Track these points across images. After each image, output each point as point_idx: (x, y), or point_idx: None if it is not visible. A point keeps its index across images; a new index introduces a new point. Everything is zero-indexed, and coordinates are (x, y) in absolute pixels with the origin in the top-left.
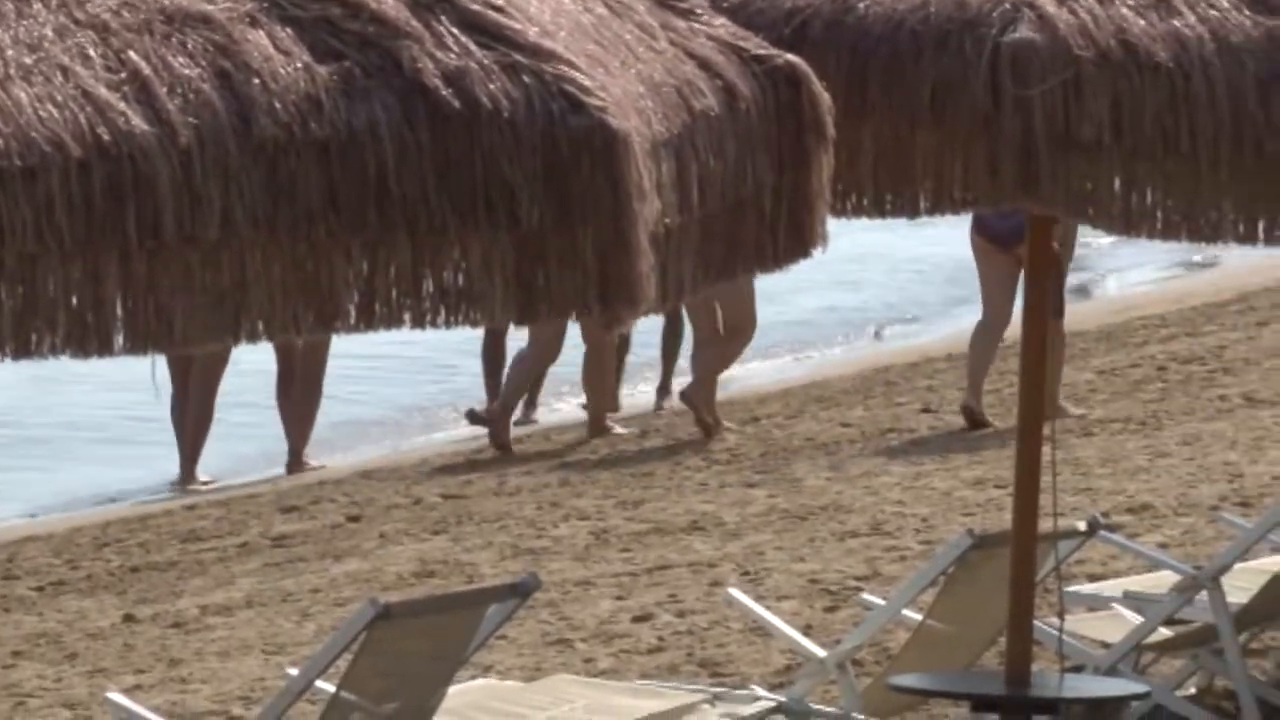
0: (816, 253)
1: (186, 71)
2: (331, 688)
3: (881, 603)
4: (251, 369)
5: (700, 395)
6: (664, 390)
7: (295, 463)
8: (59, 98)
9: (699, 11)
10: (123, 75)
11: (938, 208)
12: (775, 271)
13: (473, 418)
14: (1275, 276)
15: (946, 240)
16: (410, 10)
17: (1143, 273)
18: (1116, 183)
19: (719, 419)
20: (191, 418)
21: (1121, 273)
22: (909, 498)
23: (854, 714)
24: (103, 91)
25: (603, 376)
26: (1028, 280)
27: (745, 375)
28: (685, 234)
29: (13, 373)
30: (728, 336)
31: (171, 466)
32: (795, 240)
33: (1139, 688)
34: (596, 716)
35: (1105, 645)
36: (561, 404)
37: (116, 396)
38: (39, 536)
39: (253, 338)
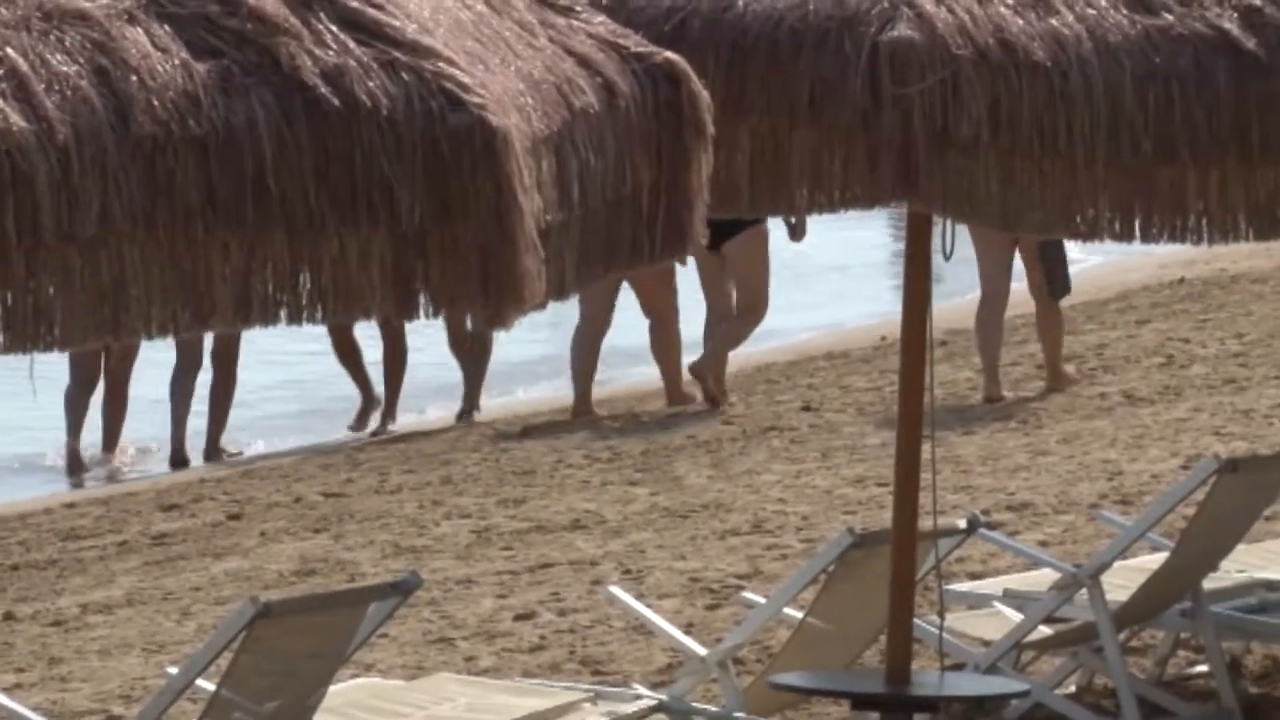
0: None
1: (64, 69)
2: (212, 686)
3: (762, 601)
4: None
5: (711, 369)
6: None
7: (213, 450)
8: None
9: (578, 9)
10: (0, 72)
11: (816, 206)
12: (652, 266)
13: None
14: (1154, 275)
15: (821, 242)
16: (289, 7)
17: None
18: (994, 181)
19: (725, 392)
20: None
21: None
22: (790, 496)
23: (735, 713)
24: None
25: (670, 348)
26: (906, 278)
27: (623, 375)
28: (566, 231)
29: None
30: (741, 315)
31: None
32: (673, 237)
33: (1019, 686)
34: (478, 715)
35: (985, 643)
36: (435, 408)
37: None
38: None
39: (131, 335)
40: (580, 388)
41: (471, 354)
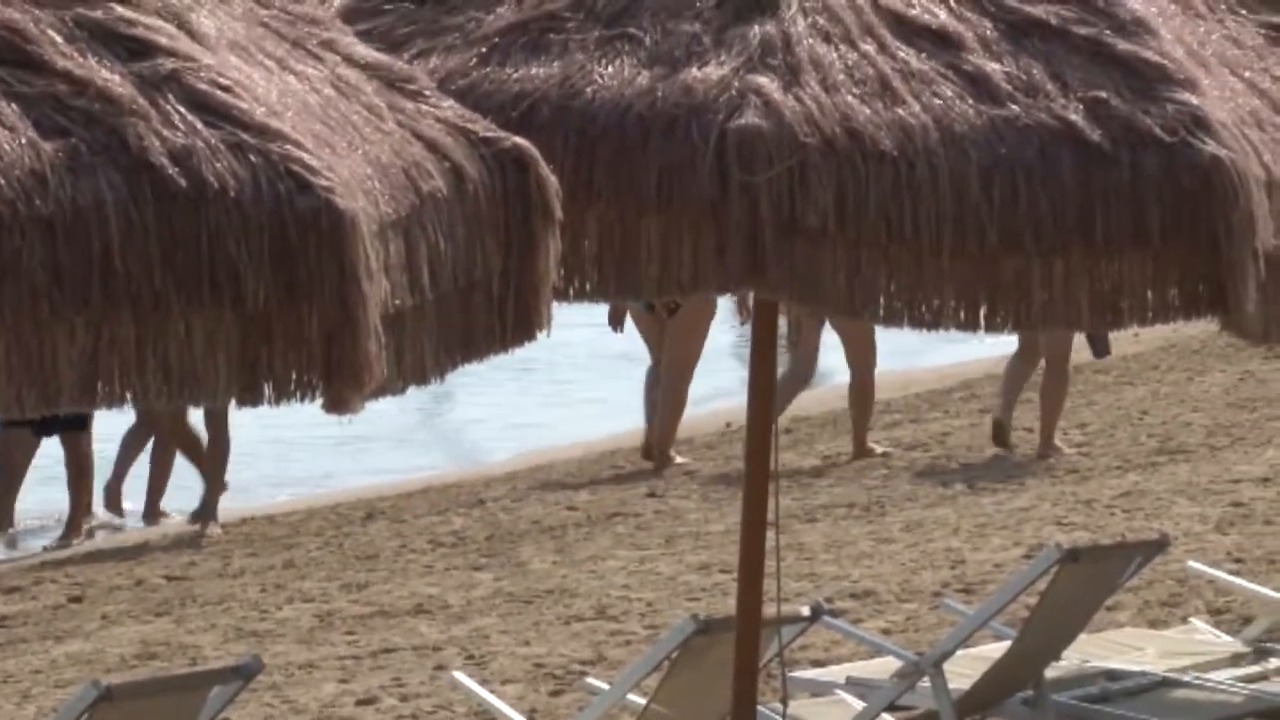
0: (541, 336)
1: None
2: None
3: (606, 687)
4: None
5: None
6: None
7: (151, 513)
8: None
9: (427, 93)
10: None
11: (665, 292)
12: (504, 353)
13: None
14: (998, 364)
15: None
16: (136, 88)
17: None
18: (841, 269)
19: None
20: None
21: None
22: (634, 582)
23: None
24: None
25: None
26: (752, 361)
27: (473, 465)
28: (420, 316)
29: None
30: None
31: None
32: (522, 323)
33: None
34: None
35: None
36: (283, 492)
37: None
38: None
39: None
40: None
41: (212, 456)
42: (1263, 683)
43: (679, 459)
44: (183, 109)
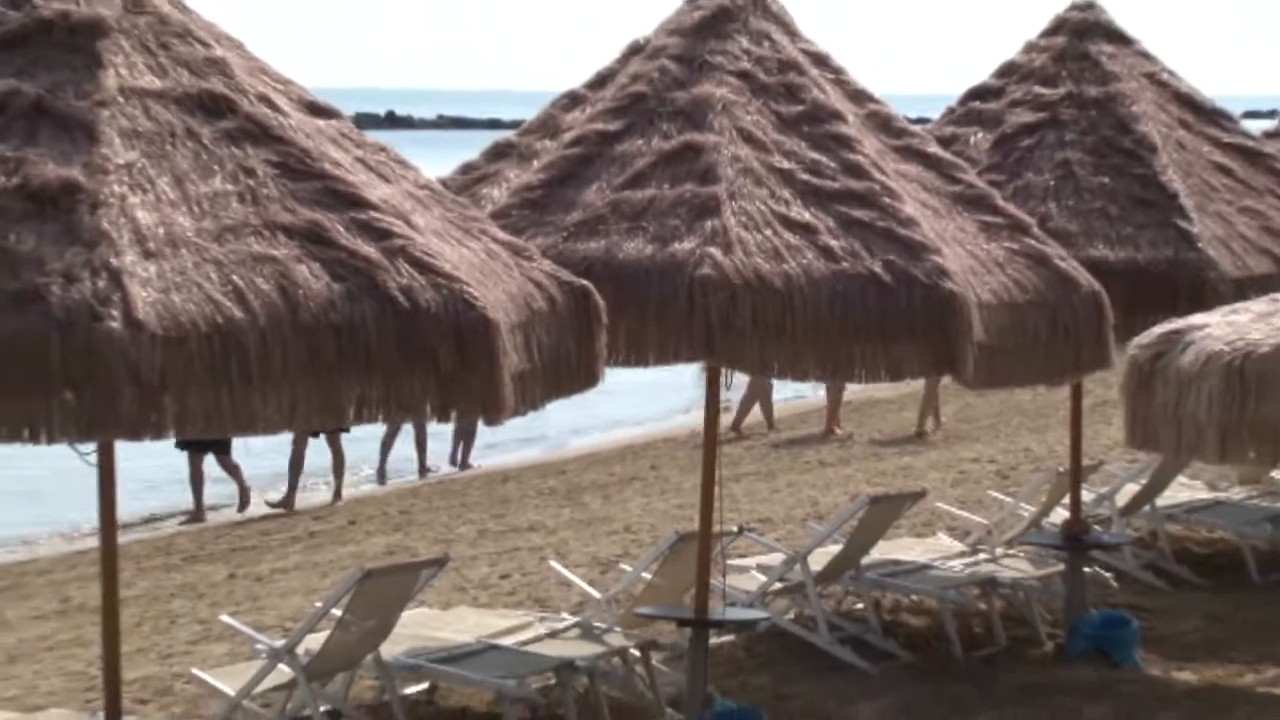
0: (600, 384)
1: None
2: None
3: (629, 570)
4: None
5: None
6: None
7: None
8: None
9: (535, 258)
10: None
11: (661, 361)
12: (580, 394)
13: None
14: (856, 394)
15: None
16: (383, 255)
17: None
18: (755, 348)
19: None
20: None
21: None
22: (646, 513)
23: (615, 627)
24: None
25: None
26: (707, 392)
27: (559, 450)
28: (533, 374)
29: None
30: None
31: None
32: (588, 377)
33: (764, 614)
34: (482, 628)
35: (748, 592)
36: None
37: None
38: None
39: None
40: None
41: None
42: (975, 568)
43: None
44: (406, 266)
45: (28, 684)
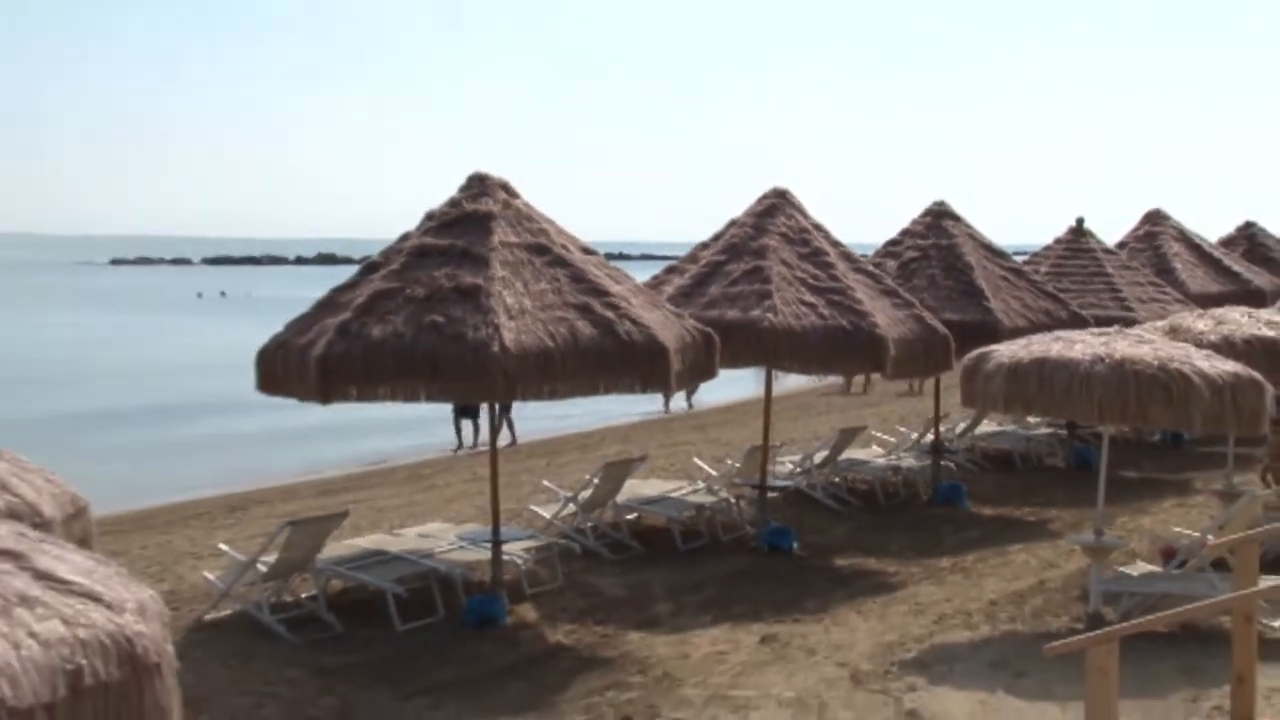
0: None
1: None
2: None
3: (730, 461)
4: None
5: None
6: None
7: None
8: None
9: (685, 315)
10: None
11: (742, 366)
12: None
13: None
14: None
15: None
16: (609, 313)
17: None
18: (792, 362)
19: None
20: None
21: None
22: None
23: (723, 488)
24: None
25: None
26: (767, 390)
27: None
28: (684, 371)
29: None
30: None
31: None
32: (709, 373)
33: (790, 484)
34: (661, 489)
35: (784, 474)
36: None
37: None
38: None
39: None
40: None
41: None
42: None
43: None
44: (627, 322)
45: (457, 512)
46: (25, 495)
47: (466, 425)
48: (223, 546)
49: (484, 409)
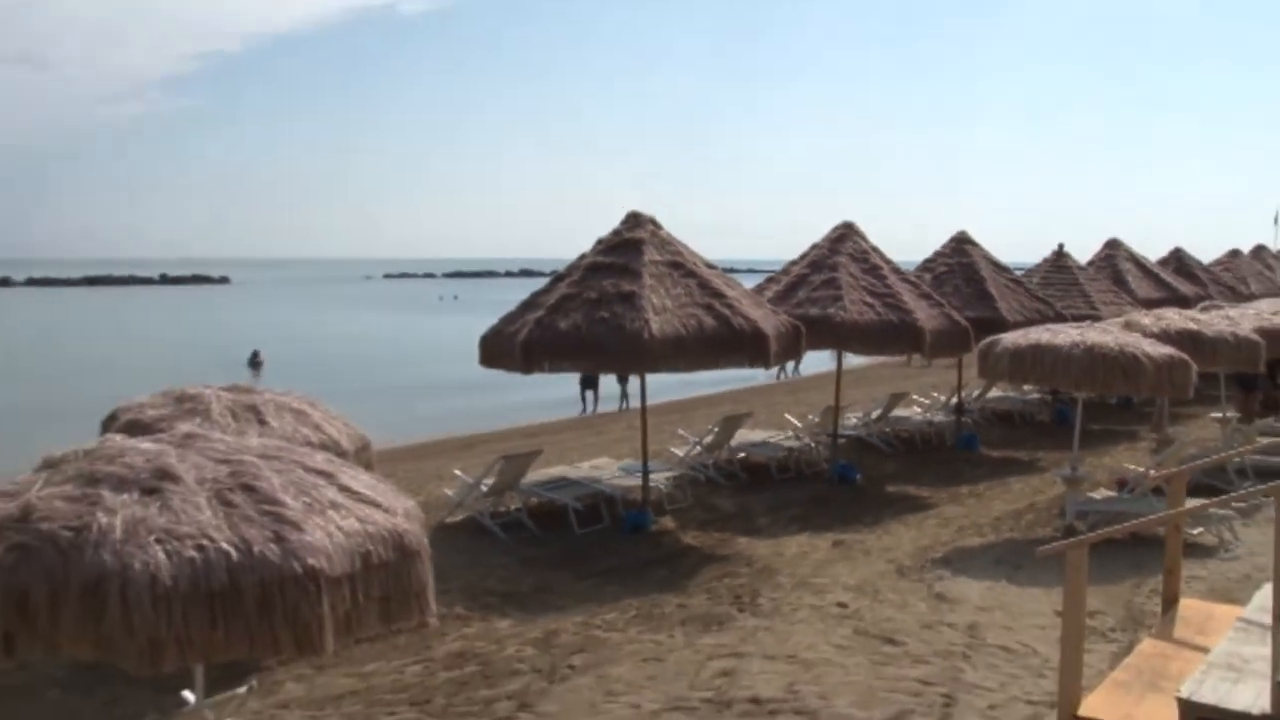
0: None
1: None
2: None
3: (812, 417)
4: None
5: None
6: None
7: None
8: None
9: (780, 312)
10: None
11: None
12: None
13: None
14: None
15: None
16: (715, 313)
17: None
18: (850, 342)
19: None
20: None
21: None
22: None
23: (806, 436)
24: None
25: None
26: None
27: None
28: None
29: None
30: None
31: None
32: (796, 353)
33: (862, 433)
34: (763, 436)
35: (850, 427)
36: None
37: None
38: None
39: None
40: None
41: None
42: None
43: None
44: (739, 317)
45: (618, 451)
46: (331, 434)
47: (589, 395)
48: (457, 472)
49: (600, 382)
